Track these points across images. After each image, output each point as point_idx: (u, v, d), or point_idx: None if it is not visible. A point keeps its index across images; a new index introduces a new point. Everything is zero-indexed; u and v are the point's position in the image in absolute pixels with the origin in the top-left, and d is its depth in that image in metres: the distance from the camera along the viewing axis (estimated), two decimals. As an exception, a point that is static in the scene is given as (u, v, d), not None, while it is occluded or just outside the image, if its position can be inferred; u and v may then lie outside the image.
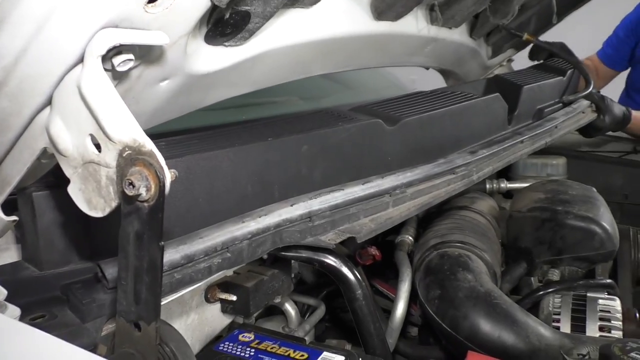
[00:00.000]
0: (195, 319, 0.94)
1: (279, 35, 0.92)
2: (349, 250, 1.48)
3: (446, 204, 1.61)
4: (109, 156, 0.51)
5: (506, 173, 2.45)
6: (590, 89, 1.83)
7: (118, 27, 0.52)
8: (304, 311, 1.52)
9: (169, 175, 0.49)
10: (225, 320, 1.00)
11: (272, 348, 0.83)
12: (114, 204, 0.53)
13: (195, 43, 0.70)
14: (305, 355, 0.81)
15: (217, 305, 0.98)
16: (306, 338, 1.23)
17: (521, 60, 2.93)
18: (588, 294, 1.27)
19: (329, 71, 1.21)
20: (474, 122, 1.29)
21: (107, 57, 0.53)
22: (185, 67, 0.70)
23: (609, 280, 1.28)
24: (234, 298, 0.94)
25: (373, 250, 1.34)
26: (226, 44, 0.75)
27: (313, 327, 1.24)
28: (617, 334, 1.18)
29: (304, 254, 0.90)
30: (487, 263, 1.19)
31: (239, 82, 0.90)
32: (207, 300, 0.95)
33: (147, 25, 0.55)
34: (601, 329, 1.20)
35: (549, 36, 2.29)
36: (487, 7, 1.83)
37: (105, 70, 0.53)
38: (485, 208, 1.50)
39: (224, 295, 0.94)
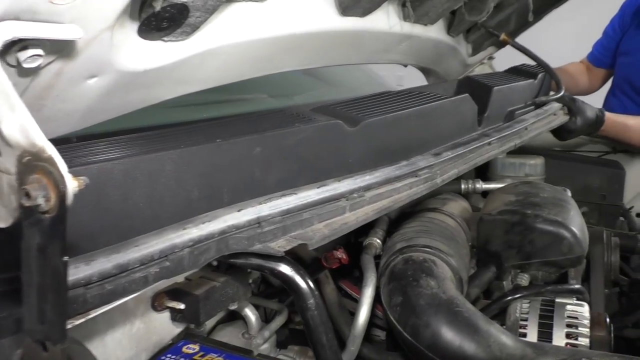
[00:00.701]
0: (142, 327, 0.89)
1: (231, 30, 0.88)
2: (318, 253, 1.45)
3: (417, 205, 1.58)
4: (9, 162, 0.46)
5: (484, 173, 2.44)
6: (562, 93, 1.83)
7: (19, 19, 0.47)
8: (272, 315, 1.49)
9: (71, 184, 0.44)
10: (176, 329, 0.96)
11: (215, 361, 0.79)
12: (16, 214, 0.48)
13: (126, 37, 0.65)
14: (249, 369, 0.77)
15: (167, 313, 0.94)
16: (266, 345, 1.19)
17: (505, 58, 2.91)
18: (557, 300, 1.25)
19: (294, 68, 1.17)
20: (443, 123, 1.26)
21: (10, 52, 0.48)
22: (117, 64, 0.65)
23: (577, 286, 1.25)
24: (183, 306, 0.90)
25: (339, 254, 1.30)
26: (165, 39, 0.70)
27: (274, 333, 1.20)
28: (584, 340, 1.16)
29: (255, 261, 0.86)
30: (453, 268, 1.16)
31: (188, 80, 0.86)
32: (154, 308, 0.91)
33: (57, 18, 0.50)
34: (568, 335, 1.17)
35: (531, 41, 2.28)
36: (463, 4, 1.80)
37: (10, 66, 0.48)
38: (456, 210, 1.47)
39: (171, 304, 0.90)
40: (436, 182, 1.12)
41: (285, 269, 0.85)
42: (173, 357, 0.80)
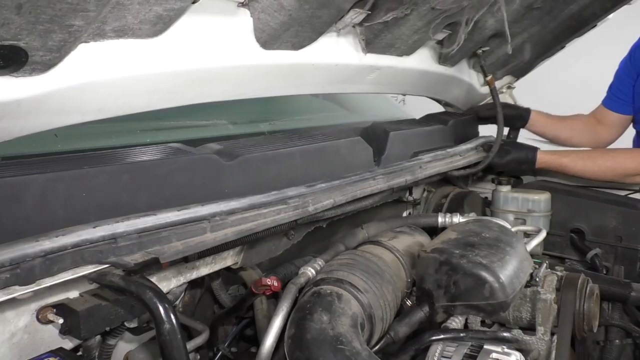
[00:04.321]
0: (25, 338, 0.96)
1: (117, 64, 0.94)
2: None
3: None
4: None
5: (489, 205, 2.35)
6: (493, 156, 2.05)
7: None
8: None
9: None
10: (67, 341, 1.02)
11: (62, 376, 0.84)
12: None
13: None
14: (87, 387, 0.81)
15: (56, 326, 1.00)
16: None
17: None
18: (485, 346, 1.18)
19: (218, 99, 1.22)
20: (332, 161, 1.34)
21: None
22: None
23: (506, 334, 1.18)
24: (62, 321, 0.95)
25: (269, 281, 1.32)
26: (15, 74, 0.78)
27: (190, 351, 1.23)
28: (500, 392, 1.09)
29: (119, 282, 0.91)
30: (363, 305, 1.14)
31: (72, 110, 0.93)
32: (39, 320, 0.97)
33: None
34: (484, 385, 1.11)
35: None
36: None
37: None
38: (403, 245, 1.44)
39: (52, 317, 0.96)
40: (308, 209, 1.16)
41: (143, 292, 0.89)
42: (27, 368, 0.86)
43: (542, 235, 1.61)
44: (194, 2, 0.93)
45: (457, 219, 1.74)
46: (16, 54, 0.73)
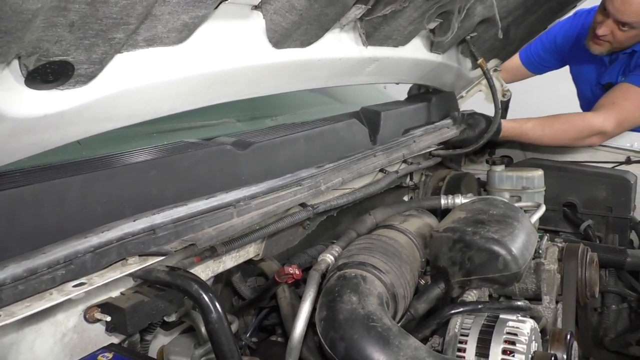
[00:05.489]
0: (75, 337, 1.01)
1: (146, 72, 0.98)
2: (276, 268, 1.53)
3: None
4: None
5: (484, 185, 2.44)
6: (487, 138, 2.15)
7: None
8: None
9: None
10: (113, 339, 1.07)
11: (120, 369, 0.89)
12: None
13: (12, 92, 0.77)
14: (147, 378, 0.87)
15: (102, 325, 1.05)
16: (211, 355, 1.29)
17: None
18: (500, 316, 1.26)
19: (235, 98, 1.27)
20: (334, 143, 1.47)
21: None
22: (9, 113, 0.77)
23: (519, 303, 1.26)
24: (109, 318, 1.00)
25: (291, 269, 1.38)
26: (61, 88, 0.82)
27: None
28: (520, 358, 1.17)
29: (166, 278, 0.96)
30: (386, 285, 1.21)
31: (107, 118, 0.97)
32: (87, 320, 1.02)
33: None
34: (504, 351, 1.19)
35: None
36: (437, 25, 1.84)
37: None
38: (414, 227, 1.51)
39: (100, 316, 1.01)
40: (320, 189, 1.26)
41: (189, 285, 0.94)
42: (85, 364, 0.91)
43: (542, 209, 1.70)
44: (216, 8, 0.98)
45: (460, 200, 1.81)
46: (64, 68, 0.77)
